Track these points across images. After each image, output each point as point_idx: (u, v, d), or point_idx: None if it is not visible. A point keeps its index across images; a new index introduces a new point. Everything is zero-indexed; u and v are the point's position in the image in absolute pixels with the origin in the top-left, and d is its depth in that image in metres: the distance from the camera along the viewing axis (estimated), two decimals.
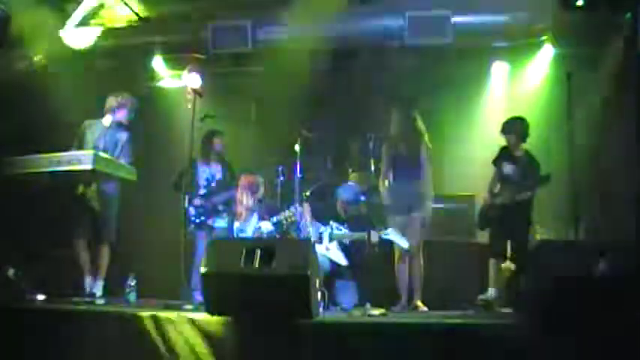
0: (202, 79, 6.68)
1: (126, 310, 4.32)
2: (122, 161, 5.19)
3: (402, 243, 5.10)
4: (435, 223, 5.44)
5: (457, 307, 4.98)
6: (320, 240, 5.44)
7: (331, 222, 5.54)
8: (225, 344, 3.40)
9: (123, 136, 5.38)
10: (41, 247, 5.42)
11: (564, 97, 4.81)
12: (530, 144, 5.33)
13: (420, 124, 5.47)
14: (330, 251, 5.42)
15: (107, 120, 5.41)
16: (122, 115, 5.41)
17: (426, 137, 5.45)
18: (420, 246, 5.30)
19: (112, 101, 5.41)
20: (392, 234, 5.11)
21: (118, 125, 5.41)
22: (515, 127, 5.28)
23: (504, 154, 5.32)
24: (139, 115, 5.66)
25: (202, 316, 3.62)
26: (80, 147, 5.22)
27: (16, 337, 3.62)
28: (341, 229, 5.48)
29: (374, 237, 5.15)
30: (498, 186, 5.34)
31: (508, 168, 5.26)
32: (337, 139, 6.90)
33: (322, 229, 5.51)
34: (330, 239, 5.48)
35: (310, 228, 5.55)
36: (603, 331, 3.06)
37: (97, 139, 5.28)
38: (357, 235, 5.35)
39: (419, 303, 5.20)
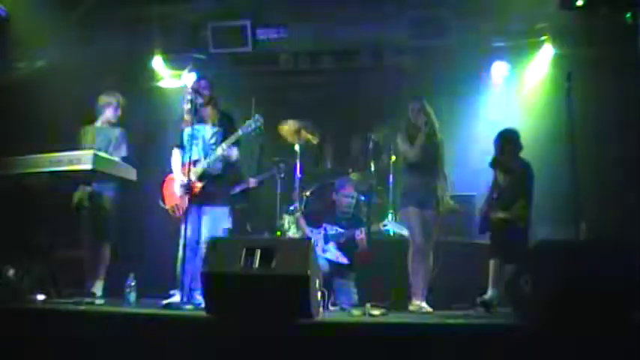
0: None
1: (126, 310, 4.33)
2: (116, 157, 5.19)
3: (402, 231, 5.04)
4: None
5: (457, 307, 4.98)
6: (316, 243, 5.44)
7: (325, 224, 5.54)
8: (225, 344, 3.40)
9: (115, 133, 5.43)
10: (41, 247, 5.42)
11: (564, 97, 4.81)
12: (530, 145, 5.32)
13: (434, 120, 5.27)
14: (328, 253, 5.42)
15: (98, 121, 5.51)
16: (110, 114, 5.49)
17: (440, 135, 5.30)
18: (431, 245, 5.15)
19: (100, 101, 5.52)
20: (390, 224, 5.09)
21: (110, 124, 5.50)
22: (500, 143, 5.21)
23: (499, 162, 5.24)
24: (139, 114, 5.67)
25: (202, 316, 3.62)
26: None
27: (16, 337, 3.61)
28: (335, 229, 5.48)
29: (357, 234, 5.21)
30: (496, 193, 5.29)
31: (501, 178, 5.23)
32: (337, 139, 6.90)
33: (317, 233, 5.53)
34: (327, 241, 5.47)
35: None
36: (603, 331, 3.06)
37: (91, 142, 5.31)
38: (350, 233, 5.35)
39: (422, 303, 5.16)
